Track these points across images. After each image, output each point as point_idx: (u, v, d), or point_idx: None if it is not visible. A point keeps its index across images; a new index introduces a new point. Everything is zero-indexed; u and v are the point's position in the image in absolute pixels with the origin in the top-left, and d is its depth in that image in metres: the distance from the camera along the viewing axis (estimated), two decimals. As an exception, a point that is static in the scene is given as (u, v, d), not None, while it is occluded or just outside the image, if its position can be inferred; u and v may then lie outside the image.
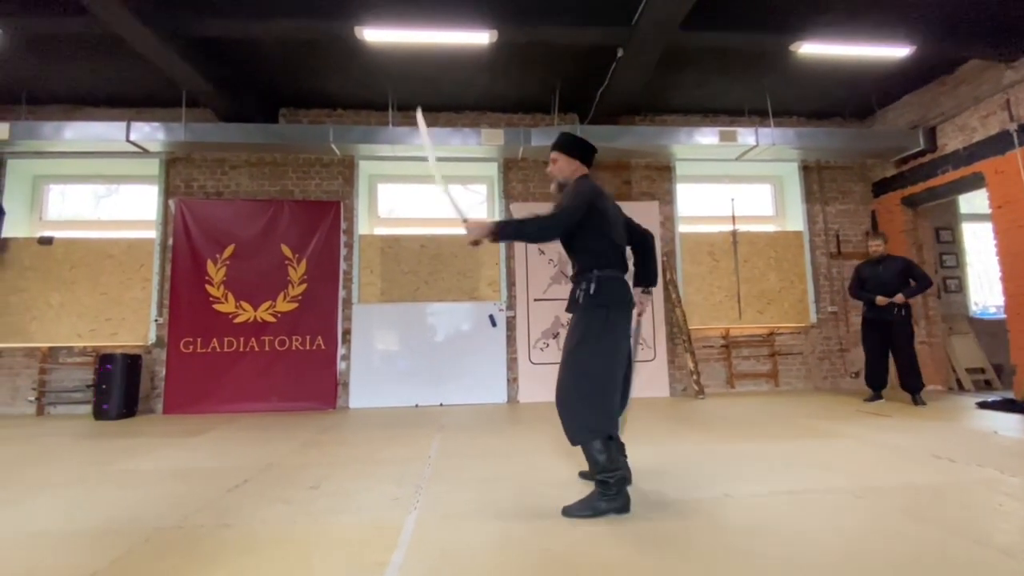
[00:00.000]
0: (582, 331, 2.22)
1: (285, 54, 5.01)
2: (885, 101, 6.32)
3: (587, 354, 2.18)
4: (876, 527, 1.92)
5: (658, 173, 6.35)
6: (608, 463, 2.09)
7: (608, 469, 2.08)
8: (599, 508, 2.07)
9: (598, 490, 2.11)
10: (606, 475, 2.08)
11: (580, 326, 2.24)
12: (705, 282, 6.28)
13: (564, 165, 2.43)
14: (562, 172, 2.43)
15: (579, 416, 2.13)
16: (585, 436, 2.11)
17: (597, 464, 2.09)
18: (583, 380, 2.16)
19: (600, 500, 2.09)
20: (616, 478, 2.09)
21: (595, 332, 2.20)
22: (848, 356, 6.29)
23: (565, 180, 2.43)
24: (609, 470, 2.08)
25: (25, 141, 5.20)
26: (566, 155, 2.43)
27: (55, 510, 2.30)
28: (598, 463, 2.09)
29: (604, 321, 2.21)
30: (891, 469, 2.70)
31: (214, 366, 5.51)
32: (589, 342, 2.19)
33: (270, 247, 5.77)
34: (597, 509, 2.07)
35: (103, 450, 3.61)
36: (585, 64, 5.17)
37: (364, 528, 2.01)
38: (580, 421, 2.13)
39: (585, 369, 2.17)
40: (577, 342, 2.21)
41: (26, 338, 5.55)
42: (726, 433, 3.72)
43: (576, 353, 2.20)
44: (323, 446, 3.63)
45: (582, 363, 2.18)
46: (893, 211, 6.34)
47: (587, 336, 2.20)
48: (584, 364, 2.18)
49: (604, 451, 2.09)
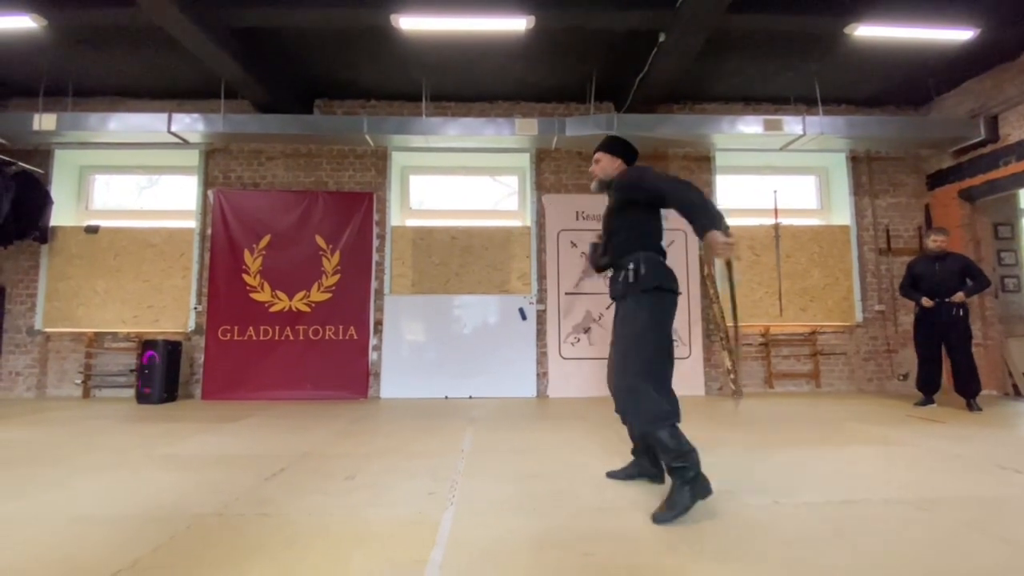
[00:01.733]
0: (633, 315, 2.19)
1: (321, 44, 5.01)
2: (943, 88, 5.94)
3: (646, 339, 2.15)
4: (943, 542, 1.78)
5: (696, 164, 6.14)
6: (681, 447, 2.04)
7: (682, 453, 2.03)
8: (685, 502, 1.99)
9: (676, 481, 2.03)
10: (681, 461, 2.02)
11: (628, 311, 2.22)
12: (745, 277, 6.05)
13: (607, 165, 2.49)
14: (604, 171, 2.49)
15: (650, 404, 2.09)
16: (656, 424, 2.07)
17: (670, 451, 2.04)
18: (649, 366, 2.13)
19: (682, 491, 2.01)
20: (692, 460, 2.03)
21: (646, 316, 2.17)
22: (896, 358, 5.99)
23: (608, 179, 2.47)
24: (683, 453, 2.03)
25: (72, 132, 5.36)
26: (609, 155, 2.49)
27: (98, 494, 2.35)
28: (671, 450, 2.03)
29: (656, 304, 2.19)
30: (953, 480, 2.52)
31: (250, 354, 5.62)
32: (646, 326, 2.16)
33: (305, 238, 5.83)
34: (684, 503, 1.99)
35: (145, 434, 3.70)
36: (623, 50, 5.01)
37: (401, 523, 1.98)
38: (652, 410, 2.09)
39: (649, 355, 2.14)
40: (626, 333, 2.19)
41: (73, 323, 5.75)
42: (768, 435, 3.57)
43: (642, 338, 2.15)
44: (357, 436, 3.64)
45: (647, 348, 2.14)
46: (949, 205, 5.99)
47: (644, 320, 2.17)
48: (650, 350, 2.14)
49: (676, 436, 2.05)
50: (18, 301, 5.80)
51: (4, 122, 5.39)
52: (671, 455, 2.04)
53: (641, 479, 2.51)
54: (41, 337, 5.74)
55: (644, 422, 2.10)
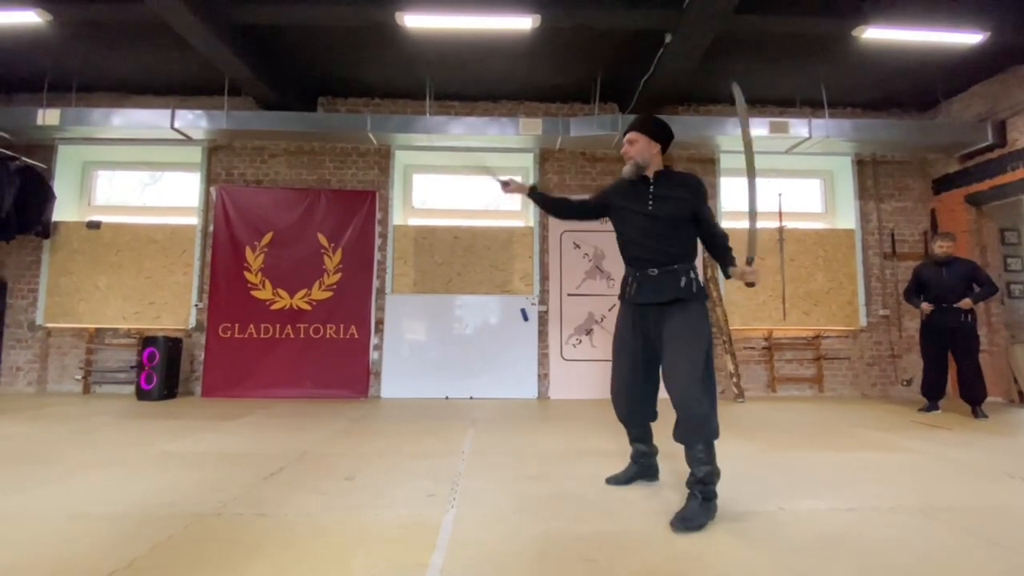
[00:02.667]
0: (692, 323, 2.14)
1: (326, 41, 4.99)
2: (950, 92, 5.90)
3: (705, 347, 2.13)
4: (953, 552, 1.75)
5: (701, 166, 6.11)
6: (715, 463, 2.08)
7: (718, 472, 2.07)
8: (704, 519, 1.98)
9: (699, 496, 2.02)
10: (716, 478, 2.06)
11: (695, 318, 2.16)
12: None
13: (644, 147, 2.26)
14: (641, 154, 2.26)
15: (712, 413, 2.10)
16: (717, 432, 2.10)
17: (714, 464, 2.06)
18: (710, 376, 2.14)
19: (704, 507, 2.00)
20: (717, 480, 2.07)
21: (700, 324, 2.16)
22: (900, 363, 5.95)
23: (644, 162, 2.26)
24: (718, 472, 2.07)
25: (75, 127, 5.35)
26: (648, 137, 2.26)
27: (97, 491, 2.33)
28: (714, 464, 2.06)
29: (706, 313, 2.22)
30: (961, 487, 2.49)
31: (251, 351, 5.59)
32: (704, 335, 2.14)
33: (307, 235, 5.80)
34: (703, 521, 1.97)
35: (144, 431, 3.68)
36: (628, 51, 4.98)
37: (402, 525, 1.95)
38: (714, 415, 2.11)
39: (707, 363, 2.13)
40: (697, 335, 2.12)
41: (74, 319, 5.74)
42: (772, 440, 3.53)
43: (698, 348, 2.11)
44: (356, 435, 3.62)
45: (705, 359, 2.12)
46: (955, 210, 5.95)
47: (701, 328, 2.15)
48: (706, 358, 2.12)
49: (713, 451, 2.09)
50: (19, 296, 5.79)
51: (8, 117, 5.38)
52: (707, 468, 2.03)
53: (640, 480, 2.49)
54: (42, 332, 5.73)
55: (695, 430, 2.05)
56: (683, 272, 2.18)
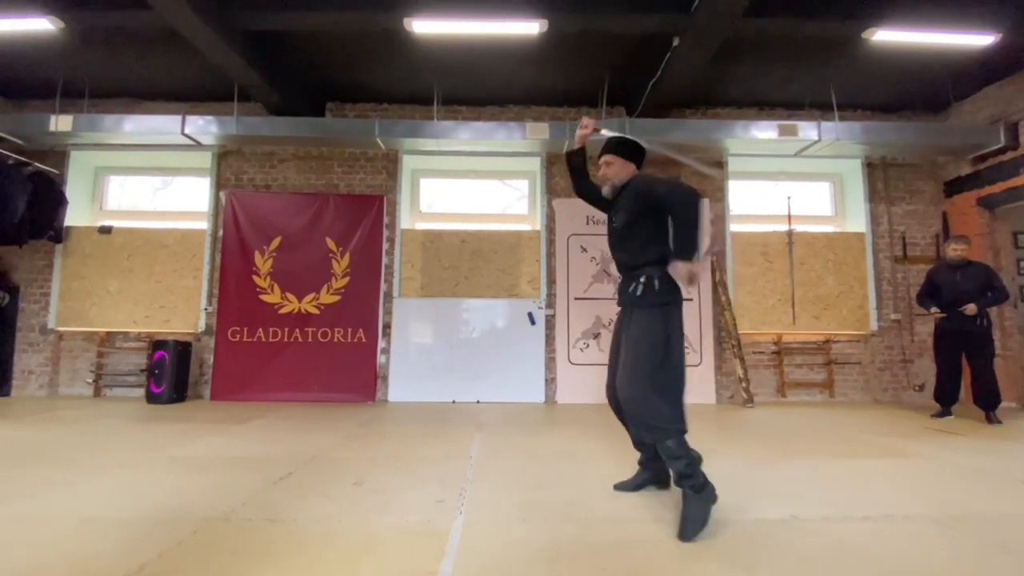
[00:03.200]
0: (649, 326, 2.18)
1: (334, 47, 5.02)
2: (962, 94, 5.84)
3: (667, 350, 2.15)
4: (971, 562, 1.72)
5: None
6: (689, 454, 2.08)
7: (696, 461, 2.08)
8: (703, 515, 1.98)
9: (688, 491, 2.01)
10: (695, 468, 2.05)
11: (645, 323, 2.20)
12: (757, 284, 5.98)
13: (620, 168, 2.41)
14: (618, 175, 2.41)
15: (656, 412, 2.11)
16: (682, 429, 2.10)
17: (689, 456, 2.06)
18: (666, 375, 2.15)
19: (695, 503, 1.99)
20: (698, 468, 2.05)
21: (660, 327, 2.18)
22: (912, 368, 5.88)
23: (622, 182, 2.40)
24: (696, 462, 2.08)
25: (87, 133, 5.41)
26: (623, 159, 2.41)
27: (107, 495, 2.34)
28: (690, 456, 2.07)
29: (671, 317, 2.20)
30: (976, 495, 2.45)
31: (259, 355, 5.62)
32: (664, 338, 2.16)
33: (315, 240, 5.83)
34: (703, 517, 1.97)
35: (155, 434, 3.70)
36: (636, 55, 4.97)
37: (410, 531, 1.94)
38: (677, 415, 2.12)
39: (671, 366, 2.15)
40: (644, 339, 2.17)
41: (86, 323, 5.79)
42: (783, 446, 3.50)
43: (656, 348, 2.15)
44: (364, 440, 3.62)
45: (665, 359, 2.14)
46: (967, 213, 5.88)
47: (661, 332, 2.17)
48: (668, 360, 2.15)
49: (681, 445, 2.06)
50: (32, 300, 5.85)
51: (21, 123, 5.46)
52: (682, 462, 2.02)
53: (648, 487, 2.47)
54: (54, 336, 5.78)
55: (650, 429, 2.06)
56: (639, 278, 2.26)
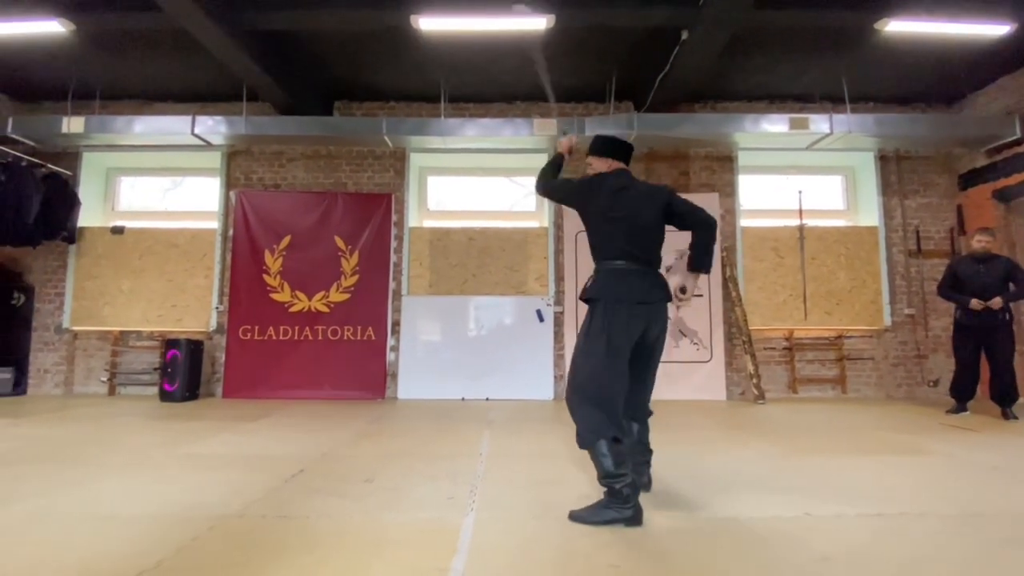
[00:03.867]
0: (583, 327, 2.21)
1: (341, 46, 5.03)
2: (976, 85, 5.74)
3: (585, 352, 2.14)
4: (989, 561, 1.70)
5: (719, 163, 6.03)
6: (613, 468, 1.97)
7: (613, 475, 1.97)
8: (606, 516, 1.96)
9: (606, 498, 2.00)
10: (611, 481, 1.97)
11: (584, 322, 2.23)
12: (768, 280, 5.93)
13: (599, 166, 2.44)
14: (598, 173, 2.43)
15: (582, 417, 2.08)
16: (587, 438, 2.04)
17: (602, 468, 2.00)
18: (585, 379, 2.11)
19: (608, 508, 1.98)
20: (622, 484, 1.96)
21: (590, 328, 2.15)
22: (926, 363, 5.80)
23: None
24: (614, 476, 1.97)
25: (99, 135, 5.48)
26: (598, 156, 2.44)
27: (123, 493, 2.37)
28: (603, 468, 1.99)
29: (599, 317, 2.13)
30: (994, 493, 2.41)
31: (270, 353, 5.67)
32: (588, 339, 2.14)
33: (324, 238, 5.86)
34: (604, 517, 1.96)
35: (168, 432, 3.74)
36: (644, 49, 4.94)
37: (422, 529, 1.95)
38: (583, 422, 2.07)
39: (586, 368, 2.11)
40: (579, 338, 2.20)
41: (99, 322, 5.87)
42: (795, 443, 3.47)
43: (578, 350, 2.18)
44: (375, 437, 3.63)
45: (582, 361, 2.14)
46: (983, 205, 5.78)
47: (586, 332, 2.17)
48: (584, 362, 2.13)
49: (608, 454, 1.98)
50: (47, 300, 5.94)
51: (34, 125, 5.53)
52: (601, 473, 2.00)
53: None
54: (69, 335, 5.87)
55: (577, 434, 2.07)
56: (659, 275, 2.28)
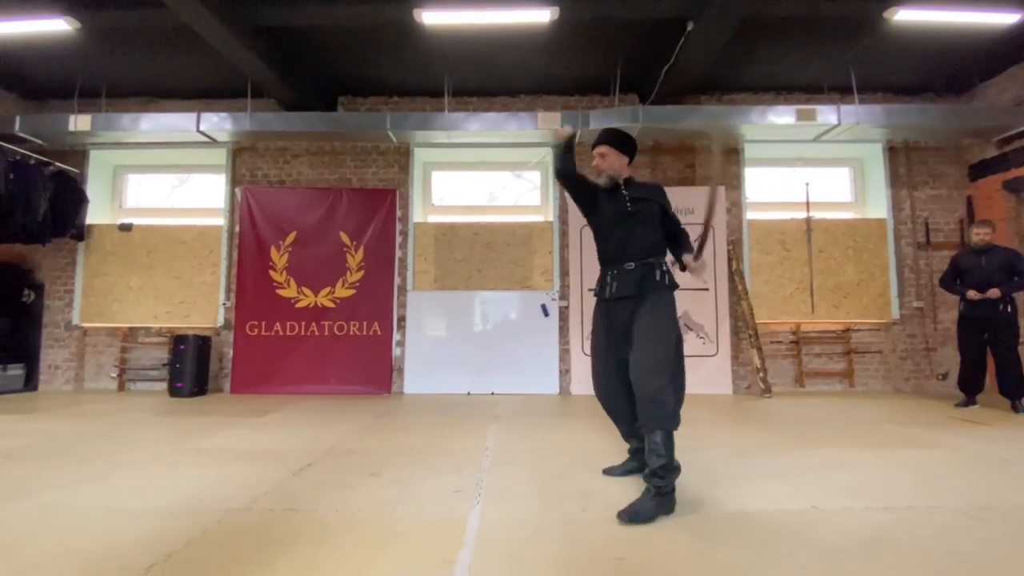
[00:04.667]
0: (672, 312, 2.38)
1: (345, 42, 5.02)
2: (986, 74, 5.65)
3: (676, 338, 2.32)
4: (999, 555, 1.69)
5: (724, 156, 5.98)
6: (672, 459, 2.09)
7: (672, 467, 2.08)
8: (648, 514, 1.97)
9: (651, 490, 2.03)
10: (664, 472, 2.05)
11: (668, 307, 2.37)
12: (775, 273, 5.89)
13: (615, 160, 2.42)
14: (612, 167, 2.41)
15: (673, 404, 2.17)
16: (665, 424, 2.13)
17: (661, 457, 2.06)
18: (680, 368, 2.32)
19: (649, 501, 2.00)
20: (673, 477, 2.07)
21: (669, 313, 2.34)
22: (935, 356, 5.76)
23: (616, 175, 2.41)
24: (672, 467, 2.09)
25: (105, 132, 5.49)
26: (617, 150, 2.43)
27: (133, 487, 2.40)
28: (662, 455, 2.06)
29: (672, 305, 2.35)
30: (1004, 486, 2.40)
31: (277, 349, 5.70)
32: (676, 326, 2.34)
33: (330, 234, 5.88)
34: (647, 515, 1.97)
35: (177, 427, 3.78)
36: (649, 40, 4.89)
37: (429, 521, 1.96)
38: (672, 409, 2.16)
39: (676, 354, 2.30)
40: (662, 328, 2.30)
41: (109, 318, 5.92)
42: (802, 436, 3.46)
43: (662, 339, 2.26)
44: (381, 431, 3.65)
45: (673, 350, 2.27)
46: (993, 197, 5.71)
47: (675, 319, 2.36)
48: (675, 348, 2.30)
49: (667, 444, 2.08)
50: (56, 297, 5.99)
51: (42, 123, 5.55)
52: (661, 461, 2.02)
53: (636, 475, 2.43)
54: (79, 332, 5.93)
55: (664, 420, 2.08)
56: (656, 266, 2.33)
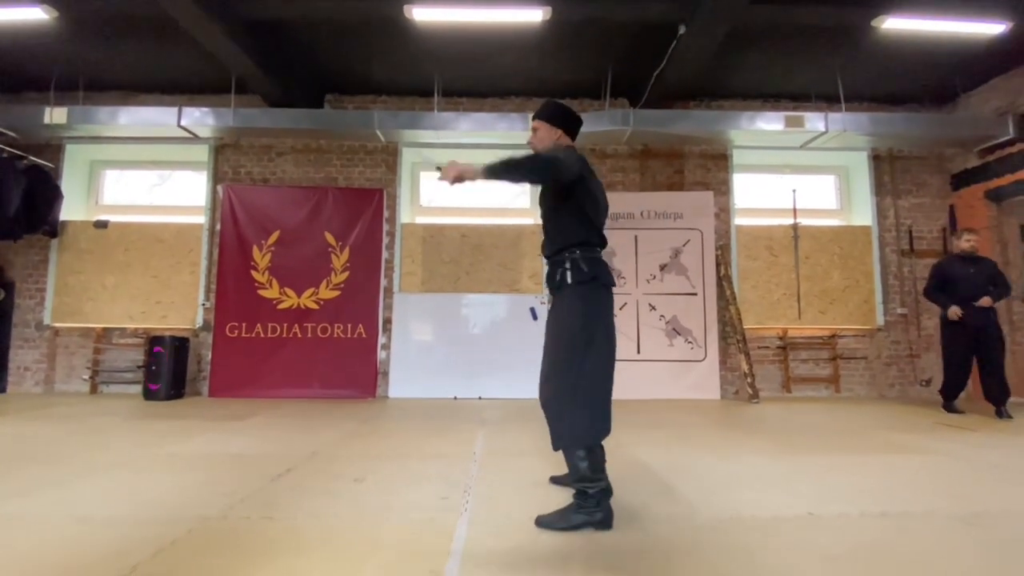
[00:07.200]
0: (573, 319, 1.97)
1: (333, 38, 4.93)
2: (969, 85, 5.76)
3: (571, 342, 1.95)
4: (996, 560, 1.66)
5: (713, 162, 6.01)
6: (590, 472, 1.89)
7: (589, 479, 1.89)
8: (574, 521, 1.88)
9: (576, 501, 1.91)
10: (585, 485, 1.89)
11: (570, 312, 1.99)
12: (762, 278, 5.91)
13: (545, 134, 2.17)
14: (542, 142, 2.18)
15: (568, 419, 1.91)
16: (568, 443, 1.91)
17: (577, 472, 1.91)
18: (581, 379, 1.93)
19: (577, 512, 1.89)
20: (597, 489, 1.88)
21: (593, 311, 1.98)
22: (918, 362, 5.81)
23: (546, 150, 2.14)
24: (590, 480, 1.89)
25: (82, 126, 5.33)
26: (548, 123, 2.18)
27: (101, 493, 2.27)
28: (578, 471, 1.90)
29: (599, 306, 2.00)
30: (996, 492, 2.38)
31: (258, 351, 5.55)
32: (583, 332, 1.96)
33: (314, 234, 5.75)
34: (572, 522, 1.88)
35: (151, 432, 3.63)
36: (640, 44, 4.89)
37: (414, 531, 1.87)
38: (568, 425, 1.91)
39: (583, 367, 1.93)
40: (559, 330, 1.99)
41: (82, 318, 5.71)
42: (792, 442, 3.43)
43: (557, 343, 1.98)
44: (366, 436, 3.55)
45: (567, 354, 1.95)
46: (975, 206, 5.80)
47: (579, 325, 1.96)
48: (566, 356, 1.95)
49: (586, 459, 1.89)
50: (27, 296, 5.77)
51: (15, 115, 5.37)
52: (576, 476, 1.91)
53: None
54: (50, 332, 5.71)
55: (557, 437, 1.93)
56: (562, 263, 2.04)
